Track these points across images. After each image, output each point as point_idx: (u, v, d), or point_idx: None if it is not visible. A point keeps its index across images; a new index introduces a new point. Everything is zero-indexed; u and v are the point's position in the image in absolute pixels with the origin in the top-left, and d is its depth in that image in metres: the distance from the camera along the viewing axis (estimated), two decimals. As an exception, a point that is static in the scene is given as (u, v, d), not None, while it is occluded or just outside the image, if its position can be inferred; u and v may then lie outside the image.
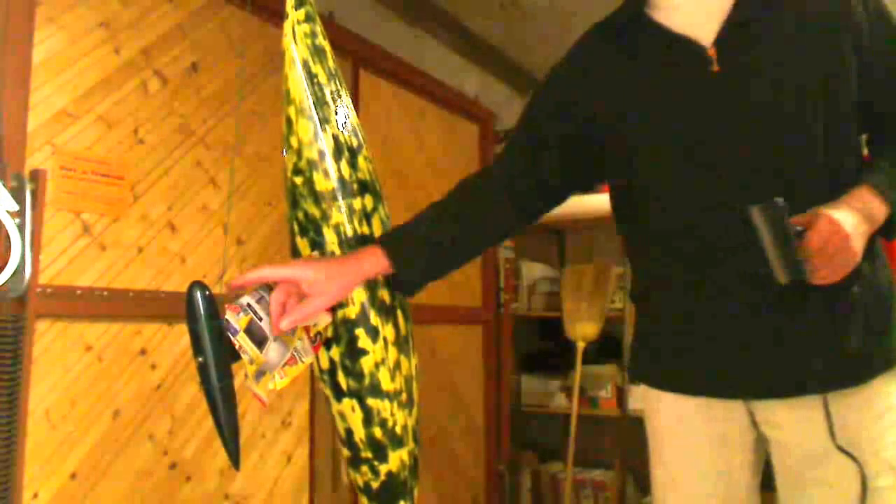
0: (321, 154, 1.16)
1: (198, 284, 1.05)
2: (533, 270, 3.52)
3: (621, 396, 3.07)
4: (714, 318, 1.11)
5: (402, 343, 1.21)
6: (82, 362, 1.59)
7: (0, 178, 1.42)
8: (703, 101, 1.09)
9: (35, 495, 1.48)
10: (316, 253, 1.17)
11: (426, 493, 2.71)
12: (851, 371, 1.06)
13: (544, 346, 3.53)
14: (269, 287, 1.10)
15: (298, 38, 1.18)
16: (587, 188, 1.31)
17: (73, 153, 1.59)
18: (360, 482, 1.19)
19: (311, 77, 1.17)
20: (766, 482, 1.18)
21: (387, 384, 1.17)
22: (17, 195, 1.43)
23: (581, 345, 3.05)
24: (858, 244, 0.99)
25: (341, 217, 1.16)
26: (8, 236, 1.41)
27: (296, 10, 1.19)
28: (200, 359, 1.05)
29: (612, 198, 1.27)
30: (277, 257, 2.08)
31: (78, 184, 1.60)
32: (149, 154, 1.76)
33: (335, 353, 1.17)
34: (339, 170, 1.17)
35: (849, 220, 0.98)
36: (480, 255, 1.36)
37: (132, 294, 1.69)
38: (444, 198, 1.28)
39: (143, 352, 1.71)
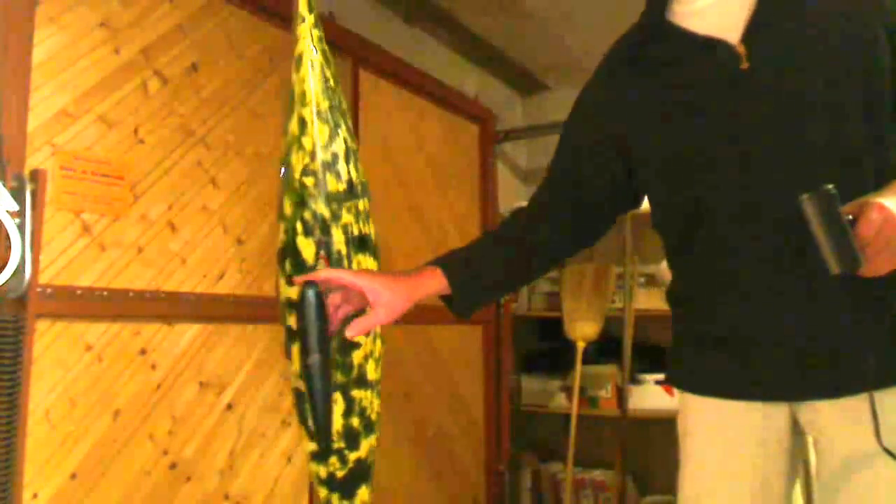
0: (335, 156, 1.19)
1: (311, 284, 1.07)
2: (533, 270, 3.51)
3: (621, 396, 3.07)
4: (759, 318, 1.09)
5: (379, 333, 1.26)
6: (82, 362, 1.59)
7: (0, 178, 1.42)
8: (735, 99, 1.08)
9: (35, 495, 1.48)
10: (322, 253, 1.19)
11: (426, 493, 2.71)
12: None
13: (544, 346, 3.53)
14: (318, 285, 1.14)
15: (315, 43, 1.19)
16: (635, 205, 1.30)
17: (73, 153, 1.59)
18: (324, 474, 1.20)
19: (326, 81, 1.19)
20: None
21: (371, 374, 1.20)
22: (17, 195, 1.43)
23: (581, 345, 3.05)
24: None
25: (350, 217, 1.19)
26: (8, 236, 1.41)
27: (310, 13, 1.19)
28: (316, 356, 1.07)
29: (651, 204, 1.26)
30: (277, 257, 2.08)
31: (78, 184, 1.60)
32: (149, 154, 1.76)
33: None
34: (348, 172, 1.20)
35: None
36: (533, 280, 1.47)
37: (132, 294, 1.69)
38: (498, 226, 1.35)
39: (143, 352, 1.71)
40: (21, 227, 1.42)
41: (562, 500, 3.18)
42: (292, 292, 1.16)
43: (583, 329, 3.06)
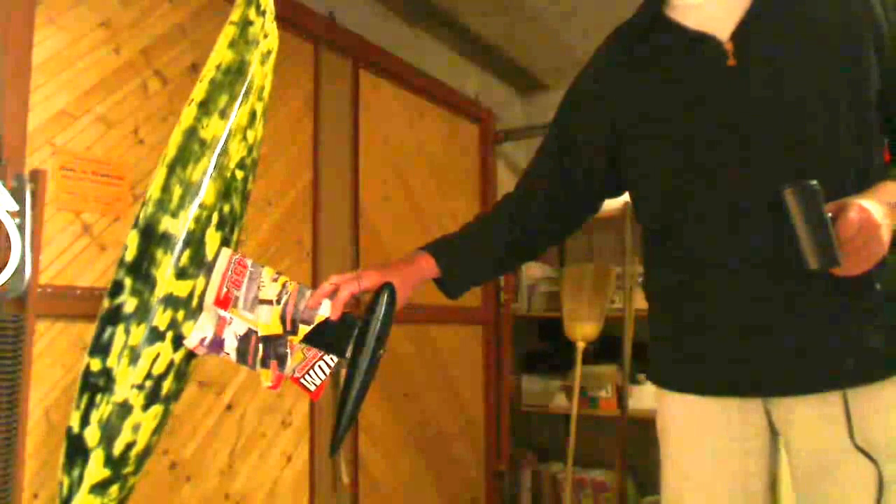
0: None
1: (389, 285, 1.14)
2: (533, 270, 3.51)
3: (621, 396, 3.07)
4: (734, 314, 1.10)
5: None
6: (82, 362, 1.58)
7: (0, 178, 1.42)
8: (719, 95, 1.10)
9: (35, 495, 1.48)
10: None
11: (426, 493, 2.71)
12: (872, 368, 1.05)
13: (544, 346, 3.53)
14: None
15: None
16: (618, 194, 1.32)
17: (73, 153, 1.59)
18: None
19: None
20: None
21: (185, 385, 1.16)
22: (17, 195, 1.43)
23: (581, 345, 3.05)
24: (887, 236, 0.97)
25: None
26: (8, 236, 1.41)
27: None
28: (382, 352, 1.12)
29: (632, 196, 1.27)
30: (277, 257, 2.08)
31: (78, 184, 1.60)
32: (149, 154, 1.75)
33: (180, 354, 1.10)
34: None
35: (879, 211, 0.96)
36: (522, 263, 1.51)
37: (132, 294, 1.68)
38: (487, 211, 1.39)
39: (143, 352, 1.71)
40: (21, 227, 1.42)
41: (562, 500, 3.18)
42: (178, 287, 1.08)
43: (583, 329, 3.05)
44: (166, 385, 1.10)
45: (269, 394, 2.03)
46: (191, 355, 1.13)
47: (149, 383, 1.08)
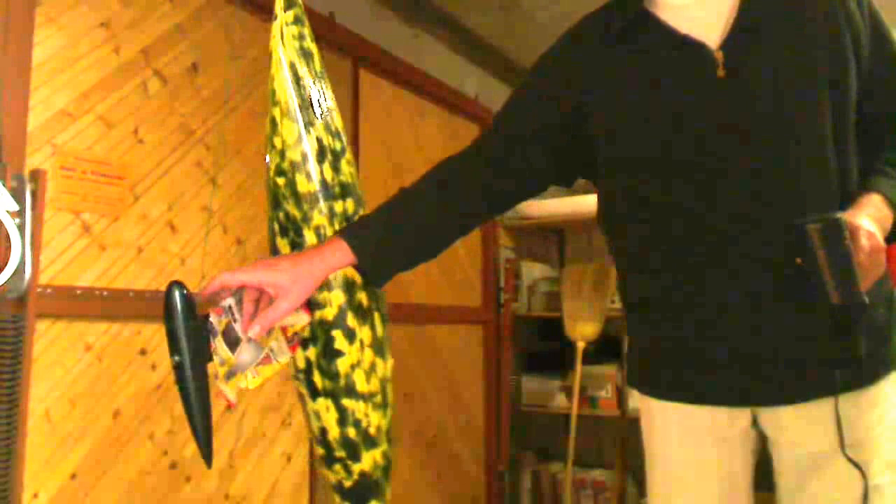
0: (304, 156, 1.17)
1: (176, 284, 1.06)
2: (533, 270, 3.51)
3: (621, 396, 3.07)
4: (718, 325, 1.09)
5: (378, 346, 1.21)
6: (82, 362, 1.59)
7: (0, 178, 1.42)
8: (708, 105, 1.07)
9: (35, 495, 1.48)
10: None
11: (426, 493, 2.71)
12: (858, 374, 1.05)
13: (544, 346, 3.53)
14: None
15: (286, 41, 1.19)
16: (567, 183, 1.26)
17: (73, 153, 1.59)
18: (334, 480, 1.21)
19: (297, 79, 1.19)
20: (765, 483, 1.17)
21: (361, 386, 1.17)
22: (17, 195, 1.43)
23: (581, 345, 3.05)
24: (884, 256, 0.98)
25: (323, 219, 1.17)
26: (8, 236, 1.41)
27: (284, 11, 1.19)
28: (176, 358, 1.05)
29: (603, 202, 1.23)
30: (277, 257, 2.08)
31: (78, 184, 1.60)
32: (149, 154, 1.76)
33: (312, 353, 1.17)
34: (321, 172, 1.18)
35: (877, 230, 0.97)
36: (449, 245, 1.29)
37: (132, 294, 1.68)
38: (415, 184, 1.22)
39: (143, 352, 1.71)
40: (21, 227, 1.42)
41: (562, 500, 3.18)
42: None
43: (583, 329, 3.06)
44: (317, 380, 1.18)
45: (270, 394, 2.03)
46: (327, 354, 1.17)
47: (301, 376, 1.19)
